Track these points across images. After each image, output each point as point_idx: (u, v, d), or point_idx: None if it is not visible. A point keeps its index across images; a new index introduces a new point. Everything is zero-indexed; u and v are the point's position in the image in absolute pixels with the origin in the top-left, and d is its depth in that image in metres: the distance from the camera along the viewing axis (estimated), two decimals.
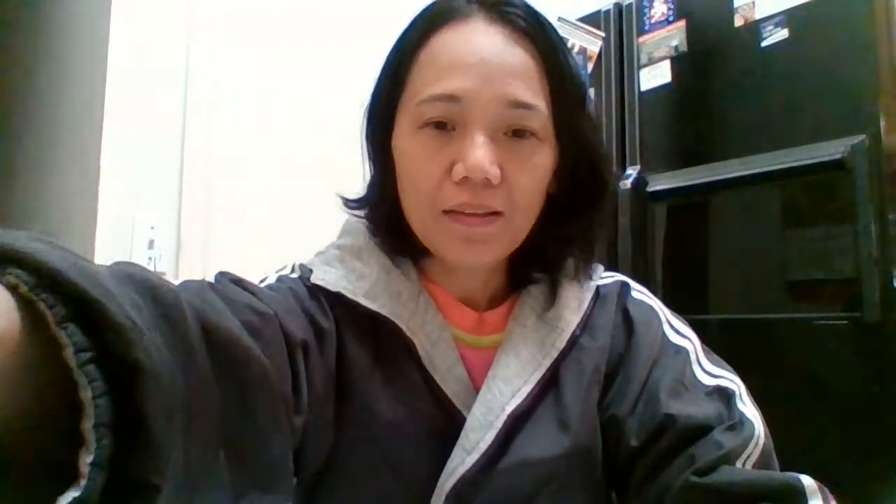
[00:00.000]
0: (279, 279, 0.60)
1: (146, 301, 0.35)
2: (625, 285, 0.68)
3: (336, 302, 0.58)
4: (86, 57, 1.63)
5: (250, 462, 0.44)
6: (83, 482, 0.28)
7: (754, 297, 1.42)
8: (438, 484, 0.55)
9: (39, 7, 1.52)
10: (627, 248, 1.61)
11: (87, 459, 0.28)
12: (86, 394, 0.28)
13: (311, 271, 0.60)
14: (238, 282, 0.52)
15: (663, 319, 0.65)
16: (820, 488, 0.49)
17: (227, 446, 0.41)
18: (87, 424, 0.28)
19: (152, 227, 1.64)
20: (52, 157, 1.70)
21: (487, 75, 0.53)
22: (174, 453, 0.34)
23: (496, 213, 0.55)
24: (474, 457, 0.55)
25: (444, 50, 0.56)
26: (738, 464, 0.51)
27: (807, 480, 0.49)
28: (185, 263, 1.73)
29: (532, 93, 0.55)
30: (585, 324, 0.63)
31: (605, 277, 0.68)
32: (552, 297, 0.64)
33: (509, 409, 0.57)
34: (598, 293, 0.66)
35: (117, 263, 0.38)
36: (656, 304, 0.67)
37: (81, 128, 1.61)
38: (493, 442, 0.56)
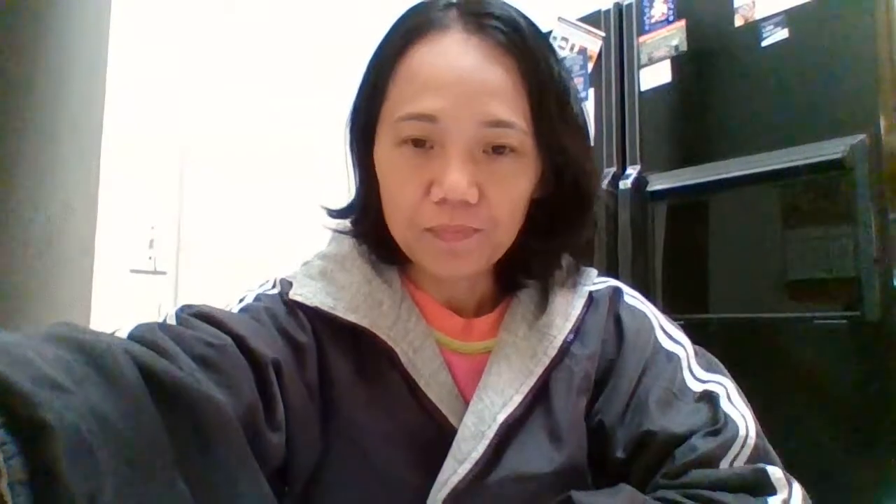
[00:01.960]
0: (257, 297, 0.59)
1: (75, 356, 0.37)
2: (617, 290, 0.67)
3: (315, 316, 0.58)
4: (86, 56, 1.64)
5: (220, 500, 0.43)
6: None
7: (754, 296, 1.42)
8: (430, 495, 0.55)
9: (40, 6, 1.52)
10: (627, 247, 1.60)
11: None
12: None
13: (290, 285, 0.60)
14: (199, 314, 0.51)
15: (656, 325, 0.64)
16: (787, 479, 0.50)
17: (191, 485, 0.40)
18: (2, 483, 0.31)
19: (152, 227, 1.64)
20: (51, 157, 1.70)
21: (464, 94, 0.53)
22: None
23: (475, 230, 0.55)
24: (466, 467, 0.55)
25: (422, 66, 0.54)
26: (724, 464, 0.51)
27: (775, 473, 0.50)
28: (184, 263, 1.73)
29: (510, 110, 0.54)
30: (577, 330, 0.63)
31: (597, 283, 0.68)
32: (543, 302, 0.64)
33: (501, 418, 0.57)
34: (591, 298, 0.65)
35: (52, 325, 0.40)
36: (649, 309, 0.66)
37: (81, 128, 1.61)
38: (485, 452, 0.55)
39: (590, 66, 1.78)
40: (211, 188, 1.74)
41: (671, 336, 0.63)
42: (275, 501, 0.49)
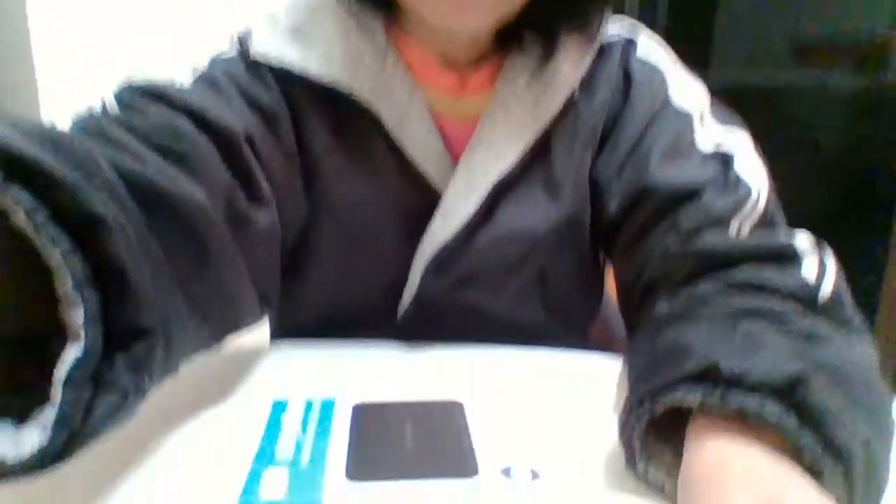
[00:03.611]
0: (212, 63, 0.50)
1: (55, 154, 0.29)
2: (630, 41, 0.58)
3: (285, 78, 0.51)
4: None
5: (213, 304, 0.40)
6: (81, 342, 0.27)
7: (761, 56, 1.32)
8: (418, 252, 0.53)
9: None
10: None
11: (78, 318, 0.27)
12: (54, 255, 0.26)
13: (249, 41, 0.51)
14: (145, 91, 0.42)
15: (669, 80, 0.56)
16: (818, 243, 0.43)
17: (190, 302, 0.37)
18: (66, 286, 0.27)
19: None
20: None
21: None
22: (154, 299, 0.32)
23: None
24: (455, 223, 0.52)
25: None
26: (733, 226, 0.45)
27: (801, 243, 0.43)
28: None
29: None
30: (585, 81, 0.55)
31: (611, 27, 0.58)
32: (550, 49, 0.54)
33: (493, 176, 0.52)
34: (602, 47, 0.56)
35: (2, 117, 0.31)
36: (665, 61, 0.57)
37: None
38: (477, 210, 0.52)
39: None
40: None
41: (685, 92, 0.55)
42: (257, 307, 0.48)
